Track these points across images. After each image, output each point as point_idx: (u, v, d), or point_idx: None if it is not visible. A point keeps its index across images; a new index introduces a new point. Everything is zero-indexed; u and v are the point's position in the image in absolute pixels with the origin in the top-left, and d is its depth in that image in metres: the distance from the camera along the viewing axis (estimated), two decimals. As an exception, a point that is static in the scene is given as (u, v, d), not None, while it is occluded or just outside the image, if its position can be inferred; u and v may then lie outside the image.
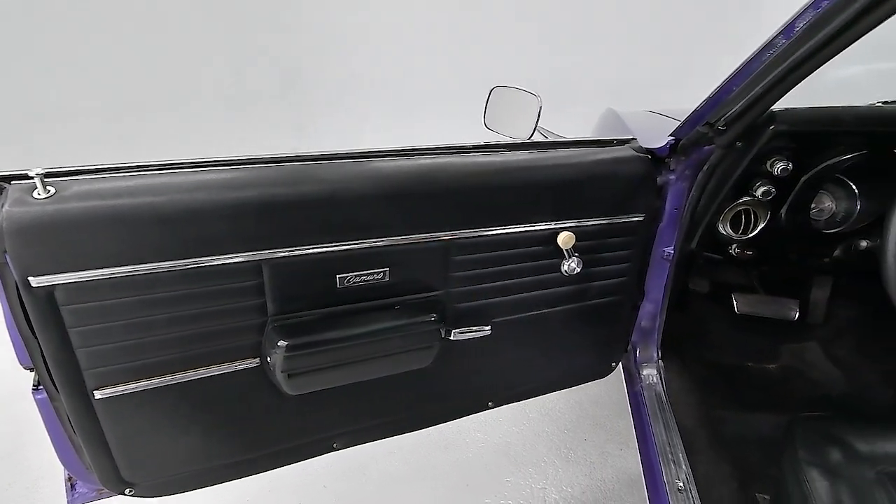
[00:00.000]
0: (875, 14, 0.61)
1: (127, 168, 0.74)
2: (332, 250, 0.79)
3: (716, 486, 0.99)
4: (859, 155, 0.95)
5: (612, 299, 1.13)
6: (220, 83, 2.94)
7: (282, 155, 0.79)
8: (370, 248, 0.82)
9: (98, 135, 2.74)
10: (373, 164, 0.82)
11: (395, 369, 0.91)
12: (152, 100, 2.82)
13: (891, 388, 1.35)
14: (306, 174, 0.77)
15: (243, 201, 0.73)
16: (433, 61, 3.16)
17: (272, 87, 3.07)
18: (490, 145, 0.93)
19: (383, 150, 0.84)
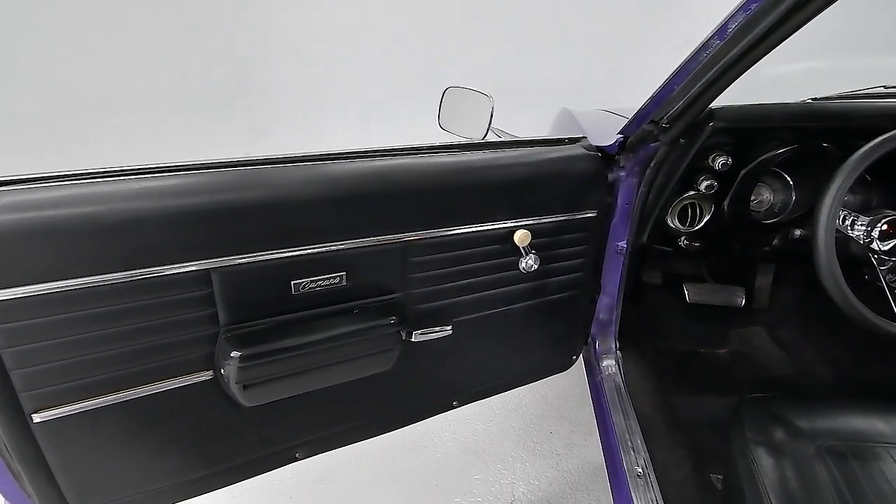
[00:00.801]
0: (799, 16, 0.65)
1: (62, 177, 0.69)
2: (285, 256, 0.77)
3: (672, 469, 1.03)
4: (792, 149, 1.01)
5: (570, 294, 1.16)
6: (166, 85, 2.82)
7: (228, 160, 0.77)
8: (325, 252, 0.81)
9: (31, 142, 2.57)
10: (323, 168, 0.81)
11: (356, 374, 0.90)
12: (91, 104, 2.67)
13: (829, 366, 1.44)
14: (253, 179, 0.75)
15: (188, 209, 0.70)
16: (392, 62, 3.14)
17: (223, 89, 2.97)
18: (444, 146, 0.94)
19: (334, 152, 0.83)
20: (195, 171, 0.74)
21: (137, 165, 0.73)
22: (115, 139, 2.77)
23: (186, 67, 2.82)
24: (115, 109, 2.73)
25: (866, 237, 0.86)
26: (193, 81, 2.85)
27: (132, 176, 0.72)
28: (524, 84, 3.17)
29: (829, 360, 1.45)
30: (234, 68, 2.95)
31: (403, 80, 3.14)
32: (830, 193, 0.81)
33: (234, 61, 2.93)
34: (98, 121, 2.70)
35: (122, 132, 2.77)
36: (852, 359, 1.44)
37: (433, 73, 2.96)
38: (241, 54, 2.92)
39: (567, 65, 3.25)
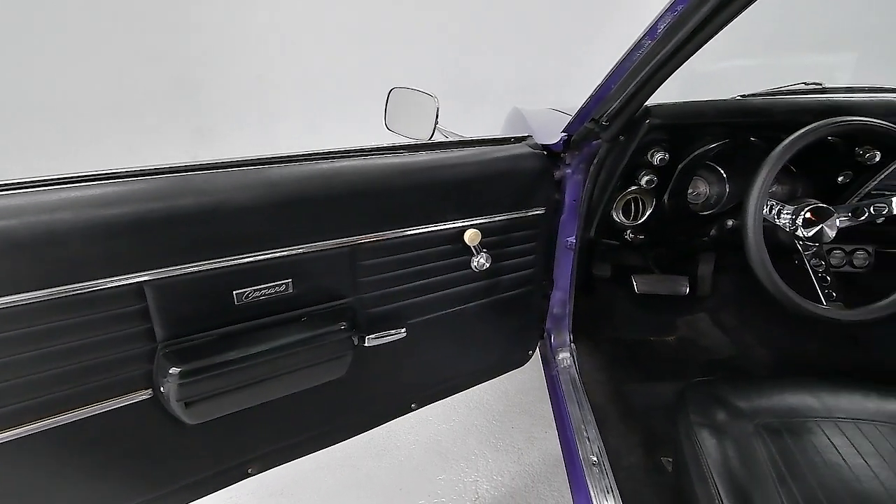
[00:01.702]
0: (721, 16, 0.68)
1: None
2: (225, 265, 0.74)
3: (625, 455, 1.07)
4: (724, 143, 1.07)
5: (523, 290, 1.18)
6: (102, 87, 2.65)
7: (156, 167, 0.73)
8: (269, 259, 0.78)
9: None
10: (261, 172, 0.78)
11: (308, 384, 0.87)
12: (14, 106, 2.48)
13: (766, 347, 1.53)
14: (186, 186, 0.72)
15: (114, 220, 0.66)
16: (344, 61, 3.09)
17: (165, 91, 2.83)
18: (390, 147, 0.93)
19: (273, 156, 0.81)
20: (121, 179, 0.70)
21: (56, 175, 0.68)
22: (42, 145, 2.58)
23: (122, 66, 2.66)
24: (42, 113, 2.54)
25: (792, 225, 0.92)
26: (130, 81, 2.70)
27: (50, 186, 0.67)
28: (478, 83, 3.19)
29: (766, 342, 1.54)
30: (175, 67, 2.82)
31: (356, 80, 3.10)
32: (756, 185, 0.86)
33: (176, 60, 2.80)
34: (21, 125, 2.52)
35: (53, 137, 2.59)
36: (787, 339, 1.53)
37: (386, 72, 2.94)
38: (183, 53, 2.80)
39: (519, 64, 3.30)
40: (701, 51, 0.78)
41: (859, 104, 1.01)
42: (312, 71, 3.09)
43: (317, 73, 3.09)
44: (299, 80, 3.10)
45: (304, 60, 3.05)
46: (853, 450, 0.82)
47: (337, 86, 3.10)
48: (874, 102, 1.03)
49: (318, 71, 3.08)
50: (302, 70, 3.07)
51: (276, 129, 3.16)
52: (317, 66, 3.07)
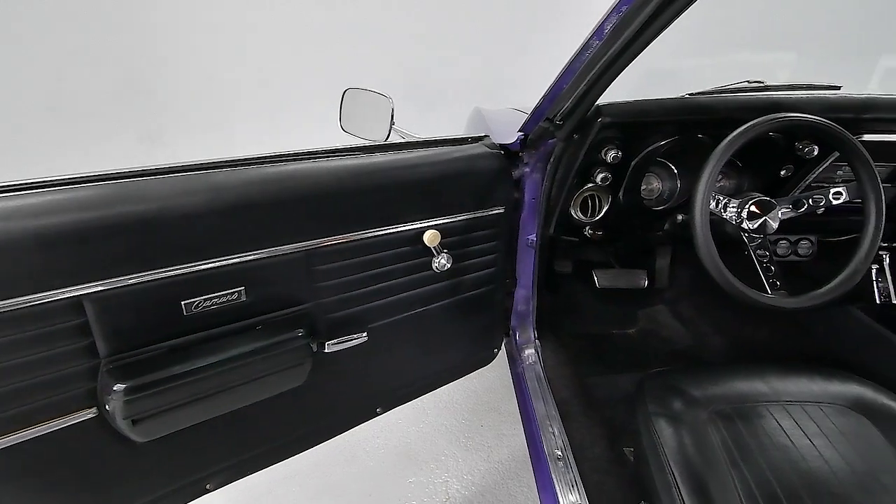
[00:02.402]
0: (664, 16, 0.70)
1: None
2: (170, 275, 0.71)
3: (589, 447, 1.09)
4: (673, 140, 1.10)
5: (486, 289, 1.18)
6: (39, 90, 2.51)
7: (94, 174, 0.69)
8: (219, 267, 0.76)
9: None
10: (205, 177, 0.75)
11: (265, 394, 0.85)
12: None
13: (721, 335, 1.59)
14: (123, 194, 0.69)
15: (48, 231, 0.63)
16: (303, 61, 3.02)
17: (109, 94, 2.70)
18: (344, 149, 0.91)
19: (219, 160, 0.78)
20: (55, 188, 0.66)
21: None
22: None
23: (61, 67, 2.53)
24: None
25: (738, 218, 0.96)
26: (72, 84, 2.56)
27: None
28: (442, 84, 3.19)
29: (720, 330, 1.60)
30: (123, 69, 2.70)
31: (316, 79, 3.05)
32: (702, 181, 0.89)
33: (124, 61, 2.68)
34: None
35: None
36: (739, 327, 1.60)
37: (348, 72, 2.90)
38: (131, 53, 2.68)
39: (483, 64, 3.31)
40: (655, 50, 0.80)
41: (797, 101, 1.06)
42: (268, 71, 3.01)
43: (273, 73, 3.02)
44: (254, 80, 3.02)
45: (259, 60, 2.97)
46: (800, 431, 0.85)
47: (296, 86, 3.04)
48: (810, 99, 1.08)
49: (275, 71, 3.01)
50: (257, 70, 2.99)
51: (232, 132, 3.07)
52: (273, 66, 3.00)
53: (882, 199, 0.90)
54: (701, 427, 0.86)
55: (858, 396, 0.90)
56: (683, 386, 0.94)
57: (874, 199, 0.89)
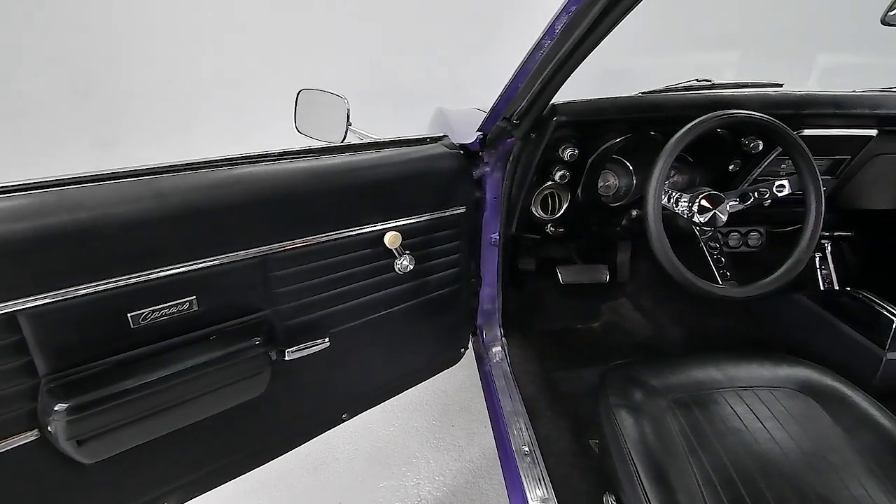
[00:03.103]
0: (612, 15, 0.71)
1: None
2: (114, 287, 0.68)
3: (556, 442, 1.10)
4: (627, 138, 1.13)
5: (451, 289, 1.18)
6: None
7: (28, 181, 0.65)
8: (167, 276, 0.72)
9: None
10: (148, 183, 0.72)
11: (222, 406, 0.82)
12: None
13: (679, 326, 1.65)
14: (58, 202, 0.65)
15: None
16: (265, 62, 2.95)
17: (60, 97, 2.56)
18: (299, 150, 0.89)
19: (164, 165, 0.75)
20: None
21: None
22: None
23: (5, 69, 2.38)
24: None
25: (689, 212, 0.99)
26: (18, 85, 2.42)
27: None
28: (406, 84, 3.17)
29: (679, 321, 1.66)
30: (75, 70, 2.56)
31: (279, 80, 2.97)
32: (653, 177, 0.91)
33: (71, 62, 2.55)
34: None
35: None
36: (696, 317, 1.66)
37: (311, 73, 2.85)
38: (79, 54, 2.55)
39: (445, 64, 3.31)
40: (613, 50, 0.81)
41: (741, 98, 1.11)
42: (230, 72, 2.92)
43: (235, 75, 2.93)
44: (215, 82, 2.92)
45: (220, 61, 2.88)
46: (752, 415, 0.89)
47: (259, 87, 2.96)
48: (754, 96, 1.13)
49: (237, 72, 2.93)
50: (218, 72, 2.90)
51: (192, 136, 2.96)
52: (234, 67, 2.92)
53: (821, 191, 0.94)
54: (660, 416, 0.88)
55: (805, 379, 0.95)
56: (643, 377, 0.96)
57: (814, 191, 0.94)
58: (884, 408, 0.89)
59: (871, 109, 1.10)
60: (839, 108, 1.10)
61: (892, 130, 1.15)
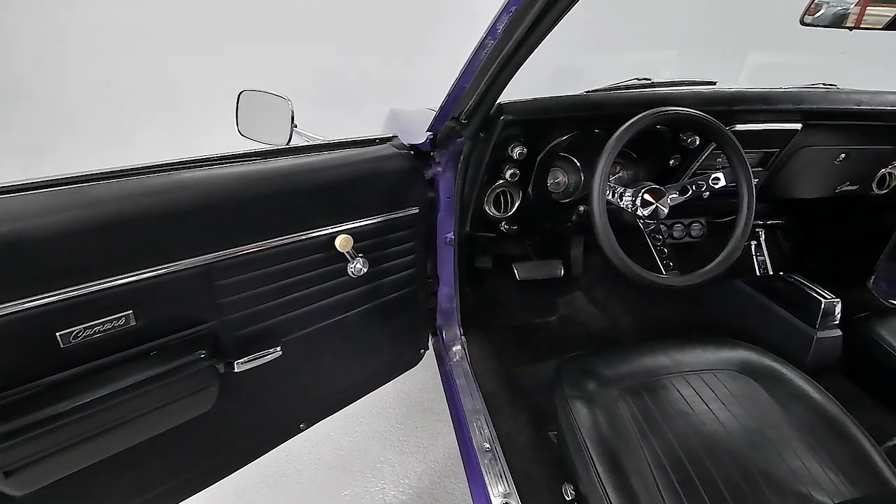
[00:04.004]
0: (551, 14, 0.73)
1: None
2: (40, 304, 0.63)
3: (516, 436, 1.11)
4: (573, 135, 1.15)
5: (408, 290, 1.17)
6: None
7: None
8: (100, 291, 0.68)
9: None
10: (78, 192, 0.68)
11: (167, 424, 0.78)
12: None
13: (631, 316, 1.71)
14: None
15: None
16: (205, 63, 2.83)
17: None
18: (242, 154, 0.86)
19: (98, 172, 0.71)
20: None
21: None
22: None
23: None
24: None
25: (633, 206, 1.03)
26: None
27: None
28: (358, 85, 3.12)
29: (630, 312, 1.72)
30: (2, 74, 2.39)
31: (224, 83, 2.86)
32: (597, 173, 0.94)
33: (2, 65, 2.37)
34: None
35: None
36: (647, 307, 1.72)
37: (259, 74, 2.76)
38: (10, 56, 2.37)
39: (400, 64, 3.28)
40: (564, 50, 0.82)
41: (678, 96, 1.16)
42: (172, 74, 2.80)
43: (177, 77, 2.81)
44: (157, 84, 2.79)
45: (162, 62, 2.75)
46: (698, 397, 0.93)
47: (205, 89, 2.84)
48: (689, 94, 1.18)
49: (179, 74, 2.80)
50: (160, 73, 2.77)
51: (134, 141, 2.82)
52: (176, 69, 2.79)
53: (752, 182, 1.00)
54: (612, 404, 0.91)
55: (745, 360, 1.00)
56: (596, 367, 0.99)
57: (745, 183, 0.99)
58: (816, 383, 0.95)
59: (795, 105, 1.18)
60: (766, 103, 1.16)
61: (815, 124, 1.23)
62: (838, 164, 1.36)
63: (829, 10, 1.07)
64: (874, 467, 0.81)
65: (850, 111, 1.21)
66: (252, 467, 1.03)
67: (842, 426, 0.87)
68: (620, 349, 1.06)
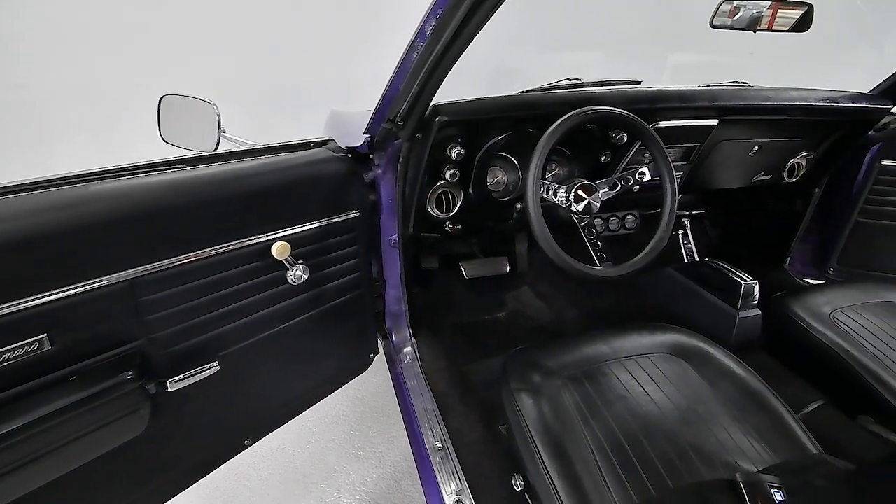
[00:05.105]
0: (478, 15, 0.74)
1: None
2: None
3: (467, 433, 1.13)
4: (509, 135, 1.18)
5: (353, 295, 1.16)
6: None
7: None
8: (6, 315, 0.63)
9: None
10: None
11: (94, 453, 0.73)
12: None
13: (575, 308, 1.77)
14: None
15: None
16: (136, 65, 2.66)
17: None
18: (165, 162, 0.82)
19: (6, 185, 0.65)
20: None
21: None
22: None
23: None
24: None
25: (567, 202, 1.06)
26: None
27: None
28: (296, 86, 3.04)
29: (574, 303, 1.78)
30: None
31: (150, 86, 2.70)
32: (530, 171, 0.97)
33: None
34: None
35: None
36: (589, 298, 1.79)
37: (181, 79, 2.62)
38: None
39: (341, 66, 3.22)
40: (506, 51, 0.83)
41: (605, 95, 1.21)
42: (93, 77, 2.61)
43: (99, 80, 2.62)
44: (76, 88, 2.59)
45: (83, 64, 2.56)
46: (634, 381, 0.98)
47: (127, 95, 2.67)
48: (616, 93, 1.24)
49: (101, 77, 2.62)
50: (80, 76, 2.58)
51: (51, 149, 2.61)
52: (99, 72, 2.61)
53: (674, 175, 1.06)
54: (556, 394, 0.94)
55: (676, 343, 1.06)
56: (540, 360, 1.01)
57: (667, 175, 1.06)
58: (740, 360, 1.02)
59: (710, 101, 1.26)
60: (685, 101, 1.24)
61: (729, 119, 1.32)
62: (753, 156, 1.47)
63: (746, 12, 1.16)
64: (792, 434, 0.88)
65: (759, 107, 1.31)
66: (198, 488, 0.98)
67: (763, 398, 0.95)
68: (563, 340, 1.09)
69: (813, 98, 1.35)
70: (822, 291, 1.34)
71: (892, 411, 1.06)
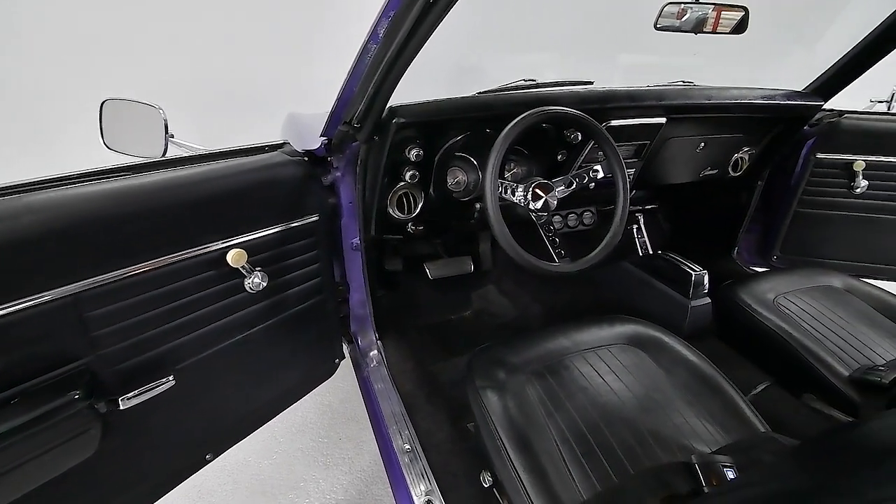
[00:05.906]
0: (430, 17, 0.74)
1: None
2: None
3: (435, 433, 1.13)
4: (466, 135, 1.19)
5: (315, 300, 1.14)
6: None
7: None
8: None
9: None
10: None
11: (40, 479, 0.69)
12: None
13: (538, 304, 1.81)
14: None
15: None
16: (89, 66, 2.52)
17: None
18: (108, 170, 0.78)
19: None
20: None
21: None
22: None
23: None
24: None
25: (525, 201, 1.08)
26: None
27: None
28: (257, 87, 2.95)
29: (537, 299, 1.82)
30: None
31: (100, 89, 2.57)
32: (487, 171, 0.98)
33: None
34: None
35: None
36: (551, 293, 1.83)
37: (130, 81, 2.51)
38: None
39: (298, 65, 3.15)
40: (468, 50, 0.84)
41: (559, 95, 1.24)
42: (42, 81, 2.46)
43: (49, 84, 2.48)
44: (23, 90, 2.44)
45: (29, 69, 2.40)
46: (595, 372, 1.01)
47: (74, 99, 2.53)
48: (569, 93, 1.27)
49: (52, 80, 2.47)
50: (29, 79, 2.42)
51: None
52: (50, 75, 2.46)
53: (625, 172, 1.10)
54: (520, 390, 0.96)
55: (633, 333, 1.10)
56: (505, 356, 1.03)
57: (619, 172, 1.09)
58: (693, 347, 1.07)
59: (657, 101, 1.32)
60: (633, 101, 1.29)
61: (676, 117, 1.38)
62: (700, 152, 1.54)
63: (693, 14, 1.21)
64: (742, 415, 0.93)
65: (703, 105, 1.38)
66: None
67: (715, 383, 0.99)
68: (526, 336, 1.11)
69: (752, 96, 1.43)
70: (767, 278, 1.42)
71: (831, 389, 1.13)
